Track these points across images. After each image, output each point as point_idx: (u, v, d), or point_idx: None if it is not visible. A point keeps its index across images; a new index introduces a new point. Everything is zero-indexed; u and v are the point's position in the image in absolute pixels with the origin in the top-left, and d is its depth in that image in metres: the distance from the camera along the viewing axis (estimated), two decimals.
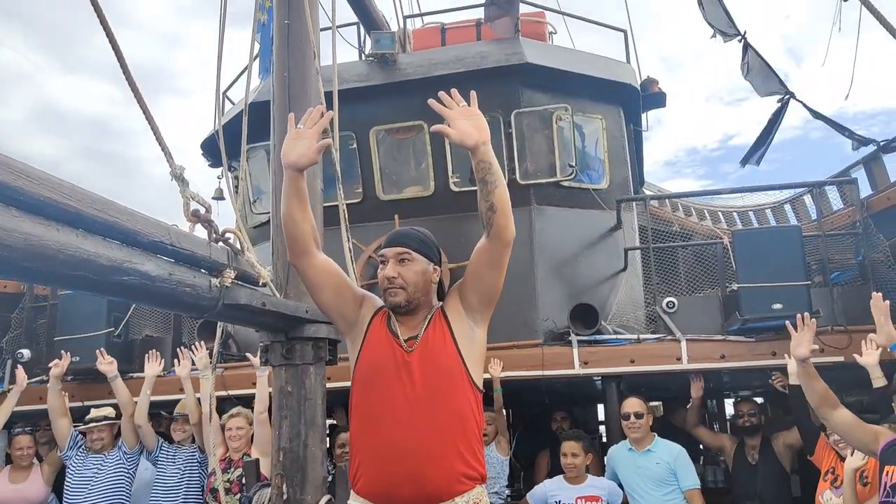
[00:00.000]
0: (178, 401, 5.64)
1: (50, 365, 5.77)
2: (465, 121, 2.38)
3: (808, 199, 7.99)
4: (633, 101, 7.28)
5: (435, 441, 2.34)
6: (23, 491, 5.70)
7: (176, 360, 5.53)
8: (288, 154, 2.36)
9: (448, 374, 2.44)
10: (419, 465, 2.31)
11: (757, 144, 7.25)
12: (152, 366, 5.60)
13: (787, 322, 3.90)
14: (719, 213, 9.66)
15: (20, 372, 5.87)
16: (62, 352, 5.89)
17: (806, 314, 3.84)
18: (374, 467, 2.36)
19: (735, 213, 9.57)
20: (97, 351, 5.78)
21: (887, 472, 3.60)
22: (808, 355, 3.74)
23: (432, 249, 2.65)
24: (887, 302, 3.58)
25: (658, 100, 8.02)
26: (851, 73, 5.36)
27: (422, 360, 2.43)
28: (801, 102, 6.78)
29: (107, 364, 5.66)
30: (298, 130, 2.41)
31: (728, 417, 9.02)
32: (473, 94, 2.45)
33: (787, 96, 6.78)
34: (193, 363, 5.40)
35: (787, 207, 8.58)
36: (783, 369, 5.03)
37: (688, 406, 5.82)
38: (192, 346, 5.63)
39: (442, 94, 2.40)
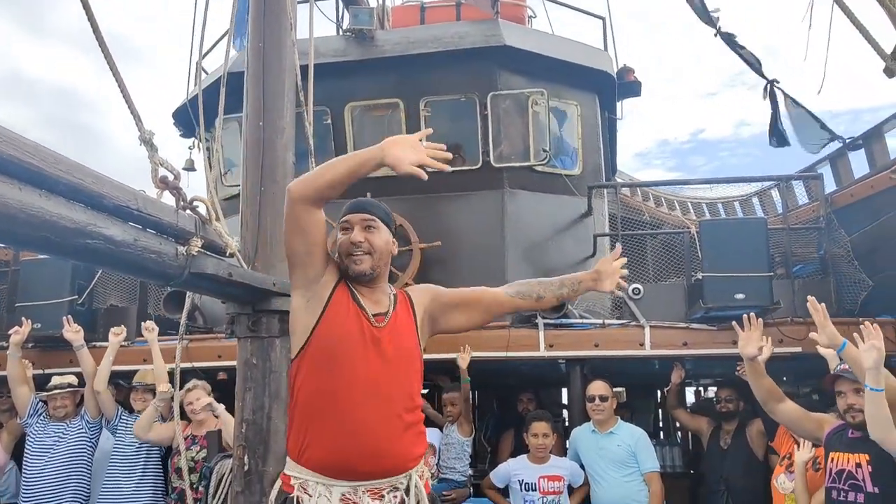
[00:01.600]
0: (137, 371, 5.59)
1: (10, 332, 5.67)
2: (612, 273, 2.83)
3: (775, 193, 8.13)
4: (609, 88, 7.32)
5: (398, 418, 2.39)
6: None
7: (145, 328, 5.44)
8: (393, 147, 2.30)
9: (410, 356, 2.51)
10: (385, 441, 2.34)
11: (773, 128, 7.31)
12: (117, 336, 5.52)
13: (734, 322, 4.02)
14: (688, 204, 9.78)
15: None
16: (22, 318, 5.76)
17: (753, 314, 3.97)
18: (333, 442, 2.35)
19: (704, 205, 9.70)
20: (64, 318, 5.66)
21: (832, 458, 3.73)
22: (756, 353, 3.87)
23: (391, 224, 2.66)
24: (823, 305, 3.69)
25: (633, 88, 8.07)
26: (824, 69, 5.45)
27: (390, 338, 2.45)
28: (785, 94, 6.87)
29: (73, 332, 5.53)
30: (417, 143, 2.35)
31: (689, 405, 9.19)
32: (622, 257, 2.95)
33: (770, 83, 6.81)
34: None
35: (755, 200, 8.72)
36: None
37: (667, 389, 5.94)
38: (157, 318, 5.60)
39: None
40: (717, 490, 5.64)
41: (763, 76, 6.79)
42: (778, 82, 6.93)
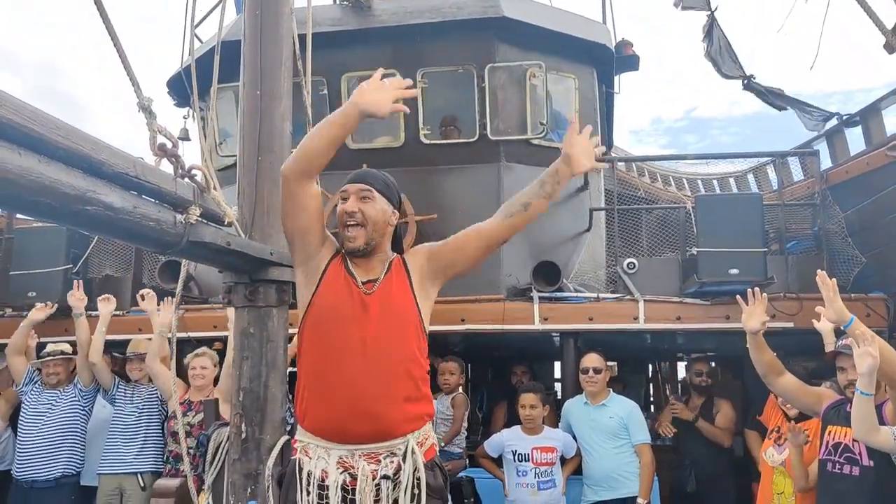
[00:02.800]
0: (130, 341, 5.59)
1: (37, 306, 5.72)
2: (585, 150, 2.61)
3: (770, 169, 8.13)
4: (607, 62, 7.27)
5: (389, 381, 2.42)
6: None
7: (140, 297, 5.41)
8: (364, 95, 2.28)
9: (404, 319, 2.52)
10: (375, 403, 2.37)
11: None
12: (107, 304, 5.50)
13: (739, 296, 4.04)
14: (684, 180, 9.79)
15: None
16: (47, 303, 5.80)
17: (757, 289, 4.00)
18: (328, 405, 2.41)
19: (699, 181, 9.70)
20: (75, 282, 5.63)
21: (829, 431, 3.78)
22: (759, 328, 3.90)
23: (394, 194, 2.69)
24: (834, 280, 3.70)
25: (631, 62, 8.01)
26: (818, 44, 5.43)
27: (380, 303, 2.49)
28: (758, 87, 6.92)
29: (78, 299, 5.48)
30: (381, 83, 2.33)
31: (680, 379, 9.30)
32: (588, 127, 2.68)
33: (747, 79, 6.90)
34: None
35: (750, 177, 8.72)
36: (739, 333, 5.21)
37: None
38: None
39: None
40: (683, 464, 5.80)
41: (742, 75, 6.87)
42: (754, 77, 7.02)
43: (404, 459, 2.40)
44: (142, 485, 5.25)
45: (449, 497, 2.59)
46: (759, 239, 5.54)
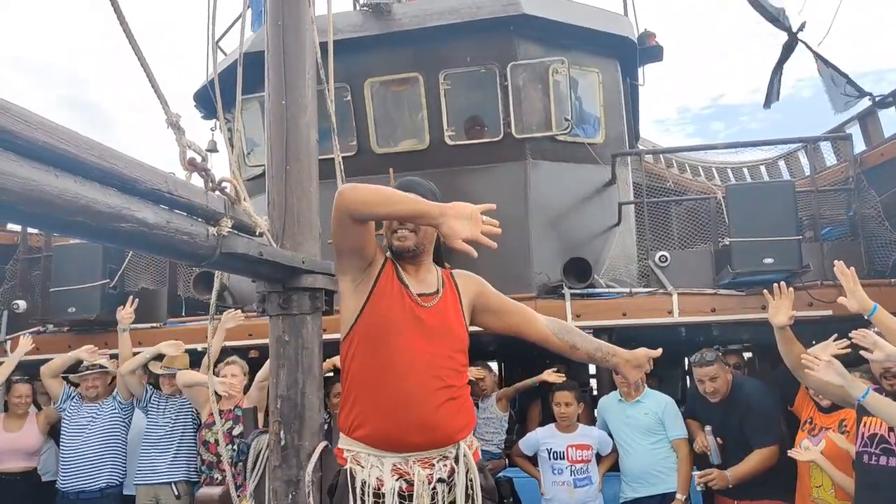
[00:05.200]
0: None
1: (123, 314, 5.73)
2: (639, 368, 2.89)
3: (802, 155, 8.00)
4: (630, 54, 7.22)
5: (442, 392, 2.44)
6: (17, 440, 5.79)
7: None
8: (454, 216, 2.23)
9: (453, 335, 2.56)
10: (433, 413, 2.40)
11: (771, 84, 7.19)
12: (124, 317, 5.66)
13: (766, 291, 4.00)
14: (713, 170, 9.67)
15: (24, 340, 5.84)
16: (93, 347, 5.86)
17: (783, 283, 3.95)
18: (383, 415, 2.43)
19: (729, 170, 9.58)
20: (130, 298, 5.75)
21: (864, 422, 3.71)
22: (787, 322, 3.85)
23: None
24: (852, 269, 3.64)
25: (655, 53, 7.94)
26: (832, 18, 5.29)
27: (435, 318, 2.52)
28: (810, 48, 6.71)
29: (126, 315, 5.60)
30: (475, 217, 2.25)
31: None
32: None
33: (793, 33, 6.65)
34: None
35: (782, 164, 8.60)
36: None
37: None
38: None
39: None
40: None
41: (787, 29, 6.65)
42: (802, 30, 6.75)
43: (457, 462, 2.44)
44: (176, 494, 5.32)
45: (498, 497, 2.61)
46: (792, 227, 5.46)
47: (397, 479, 2.39)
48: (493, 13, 6.39)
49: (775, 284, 3.97)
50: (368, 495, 2.39)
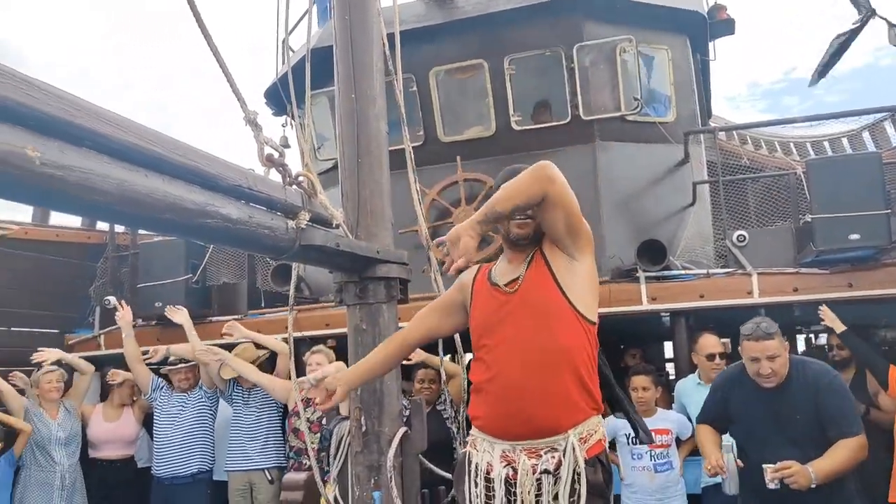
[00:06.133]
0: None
1: (116, 316, 6.13)
2: (456, 246, 2.40)
3: (889, 125, 7.61)
4: (700, 29, 7.00)
5: (541, 379, 2.38)
6: (117, 430, 6.13)
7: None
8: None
9: (549, 312, 2.44)
10: (528, 403, 2.38)
11: (827, 62, 6.84)
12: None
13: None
14: (791, 145, 9.30)
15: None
16: (122, 302, 6.24)
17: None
18: (487, 408, 2.49)
19: (808, 144, 9.20)
20: (167, 308, 6.06)
21: None
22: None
23: None
24: None
25: (726, 27, 7.68)
26: None
27: (522, 301, 2.48)
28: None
29: (181, 317, 5.91)
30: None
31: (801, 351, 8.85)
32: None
33: (868, 14, 6.34)
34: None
35: (866, 135, 8.19)
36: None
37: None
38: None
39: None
40: None
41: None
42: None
43: (564, 455, 2.37)
44: (269, 479, 5.54)
45: (611, 495, 2.50)
46: (880, 201, 5.20)
47: (505, 466, 2.41)
48: None
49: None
50: (480, 478, 2.46)
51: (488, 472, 2.44)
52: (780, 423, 3.52)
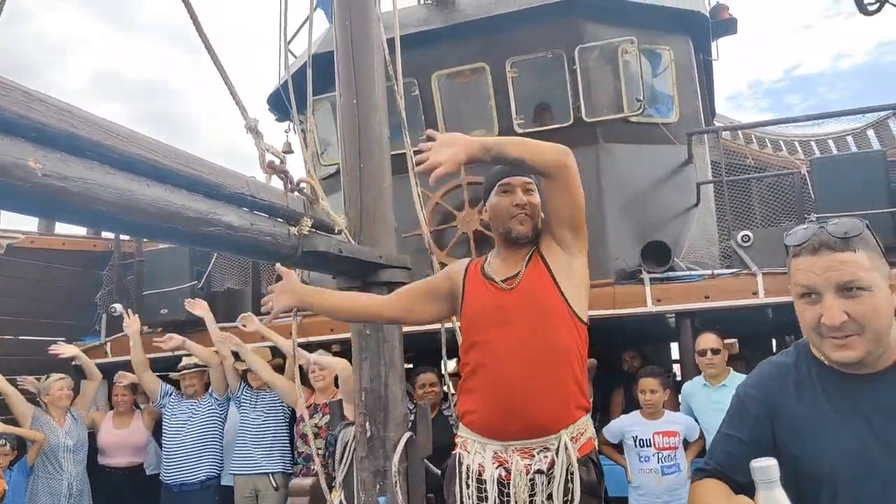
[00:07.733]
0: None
1: (124, 325, 6.13)
2: (445, 149, 2.35)
3: (893, 123, 7.58)
4: (703, 29, 6.99)
5: (537, 377, 2.38)
6: (126, 437, 6.14)
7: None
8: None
9: (548, 311, 2.44)
10: (523, 400, 2.37)
11: None
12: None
13: None
14: (795, 143, 9.28)
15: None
16: (129, 311, 6.24)
17: None
18: (480, 404, 2.47)
19: (813, 143, 9.18)
20: (186, 301, 6.02)
21: None
22: None
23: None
24: None
25: (729, 26, 7.69)
26: None
27: (520, 299, 2.46)
28: None
29: (201, 309, 5.85)
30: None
31: None
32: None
33: None
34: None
35: (871, 133, 8.17)
36: None
37: None
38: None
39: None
40: None
41: None
42: None
43: (557, 454, 2.38)
44: (274, 485, 5.53)
45: (603, 493, 2.50)
46: (884, 199, 5.19)
47: (497, 467, 2.40)
48: None
49: None
50: (472, 480, 2.44)
51: (480, 474, 2.42)
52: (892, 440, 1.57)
